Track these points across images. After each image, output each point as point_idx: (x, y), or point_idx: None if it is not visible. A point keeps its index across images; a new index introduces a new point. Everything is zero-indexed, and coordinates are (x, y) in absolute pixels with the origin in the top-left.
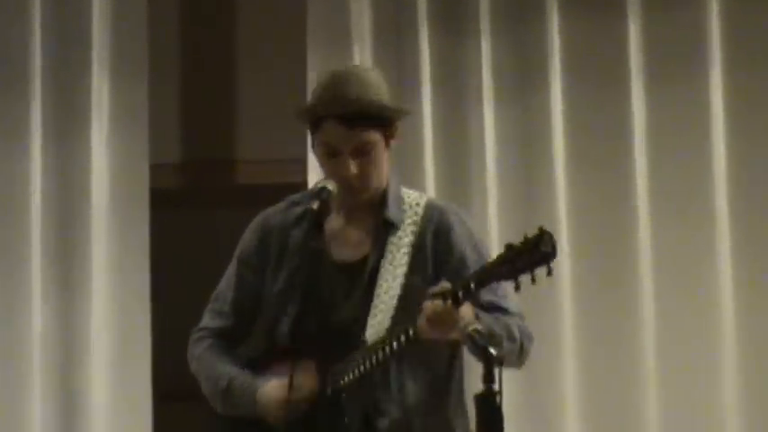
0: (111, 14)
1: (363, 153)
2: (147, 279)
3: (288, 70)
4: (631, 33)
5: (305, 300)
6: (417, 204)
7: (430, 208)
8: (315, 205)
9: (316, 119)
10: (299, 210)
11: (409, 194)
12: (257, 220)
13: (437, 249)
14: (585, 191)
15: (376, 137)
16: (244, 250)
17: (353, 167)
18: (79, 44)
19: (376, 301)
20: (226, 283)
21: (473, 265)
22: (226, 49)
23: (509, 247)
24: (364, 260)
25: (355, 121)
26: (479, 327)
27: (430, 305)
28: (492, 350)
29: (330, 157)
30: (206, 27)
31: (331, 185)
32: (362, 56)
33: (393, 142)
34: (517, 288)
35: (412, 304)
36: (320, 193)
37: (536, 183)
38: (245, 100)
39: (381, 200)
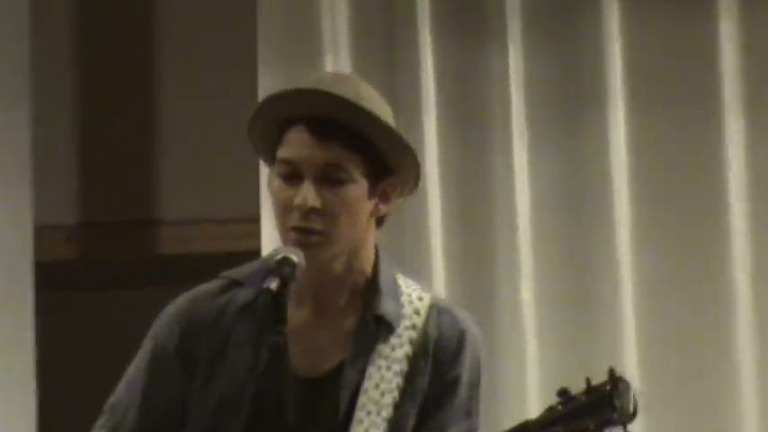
0: None
1: (333, 181)
2: (31, 388)
3: (232, 93)
4: (723, 37)
5: (253, 422)
6: (420, 299)
7: (437, 311)
8: (273, 285)
9: (276, 131)
10: (243, 295)
11: (407, 284)
12: (178, 307)
13: (437, 367)
14: (660, 266)
15: (356, 170)
16: (157, 349)
17: (312, 197)
18: None
19: None
20: (127, 394)
21: (463, 397)
22: (142, 67)
23: (566, 398)
24: (336, 373)
25: (330, 130)
26: None
27: None
28: None
29: (286, 183)
30: (114, 38)
31: (296, 256)
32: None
33: (382, 209)
34: None
35: None
36: (280, 266)
37: (591, 254)
38: (169, 140)
39: (367, 288)
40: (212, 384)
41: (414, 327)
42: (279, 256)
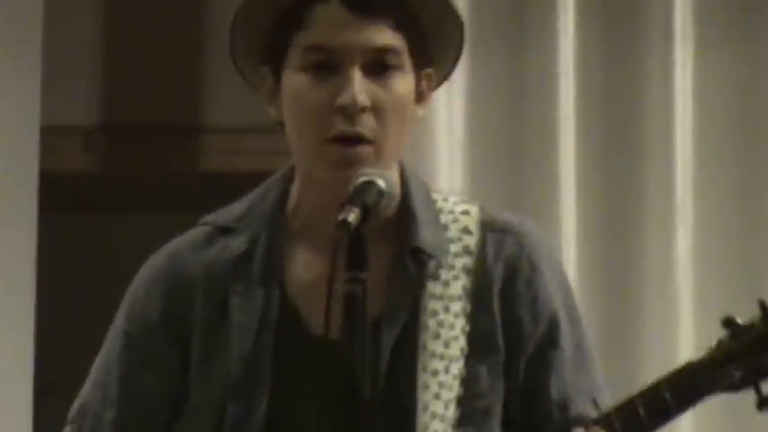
0: None
1: (380, 72)
2: (29, 329)
3: None
4: None
5: (275, 402)
6: (466, 214)
7: (491, 226)
8: (351, 216)
9: (292, 10)
10: (235, 244)
11: (446, 200)
12: (155, 267)
13: (512, 304)
14: None
15: (405, 55)
16: (135, 323)
17: (362, 93)
18: None
19: (425, 417)
20: (99, 390)
21: (566, 333)
22: None
23: (737, 329)
24: (374, 328)
25: (373, 3)
26: None
27: None
28: None
29: (316, 78)
30: None
31: (382, 180)
32: None
33: (418, 111)
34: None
35: (478, 411)
36: (362, 192)
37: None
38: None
39: (398, 215)
40: (214, 361)
41: (467, 251)
42: (361, 180)
